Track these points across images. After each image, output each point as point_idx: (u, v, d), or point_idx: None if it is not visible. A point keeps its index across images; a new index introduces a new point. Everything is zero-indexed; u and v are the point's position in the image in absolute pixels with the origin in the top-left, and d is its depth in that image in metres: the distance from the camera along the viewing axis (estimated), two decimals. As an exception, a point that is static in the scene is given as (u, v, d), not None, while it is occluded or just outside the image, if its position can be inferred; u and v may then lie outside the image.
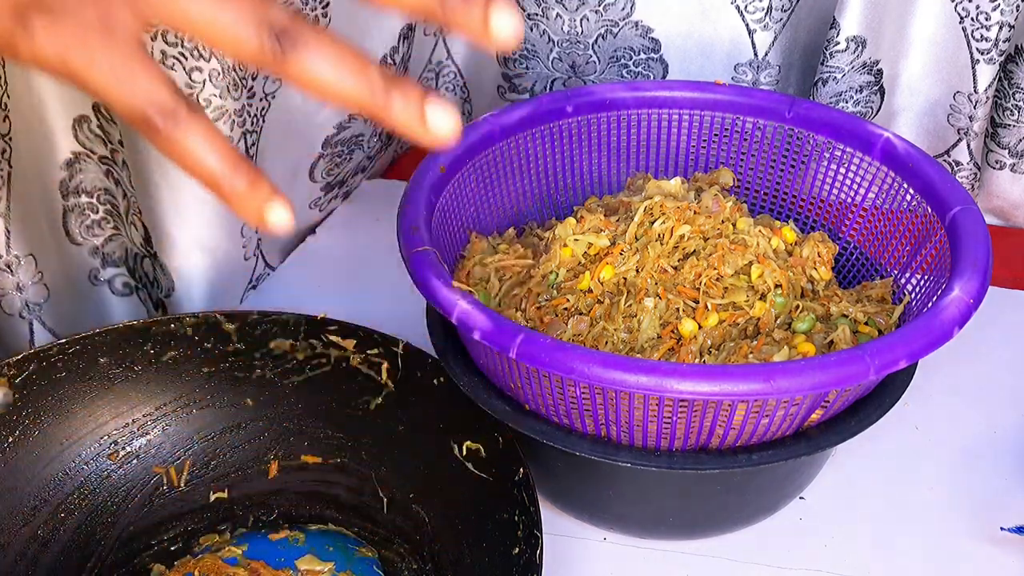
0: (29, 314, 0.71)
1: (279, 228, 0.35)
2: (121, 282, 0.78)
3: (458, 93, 0.92)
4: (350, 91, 0.34)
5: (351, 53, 0.34)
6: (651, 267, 0.58)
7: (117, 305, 0.79)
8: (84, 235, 0.74)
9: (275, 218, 0.34)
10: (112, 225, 0.75)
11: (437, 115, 0.34)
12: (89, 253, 0.76)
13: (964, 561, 0.59)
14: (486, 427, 0.57)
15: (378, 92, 0.34)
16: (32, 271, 0.71)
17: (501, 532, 0.55)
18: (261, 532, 0.60)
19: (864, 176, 0.64)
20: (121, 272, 0.77)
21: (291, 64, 0.34)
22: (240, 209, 0.35)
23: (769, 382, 0.48)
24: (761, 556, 0.60)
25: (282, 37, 0.34)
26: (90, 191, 0.73)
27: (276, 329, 0.63)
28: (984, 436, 0.66)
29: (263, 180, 0.35)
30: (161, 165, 0.67)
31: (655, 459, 0.53)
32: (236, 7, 0.34)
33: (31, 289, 0.71)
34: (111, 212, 0.74)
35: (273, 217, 0.34)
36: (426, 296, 0.54)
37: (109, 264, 0.77)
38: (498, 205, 0.67)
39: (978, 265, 0.55)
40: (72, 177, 0.72)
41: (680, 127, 0.69)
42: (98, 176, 0.72)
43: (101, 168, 0.72)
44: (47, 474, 0.60)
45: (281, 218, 0.34)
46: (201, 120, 0.35)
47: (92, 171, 0.72)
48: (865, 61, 0.76)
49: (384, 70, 0.35)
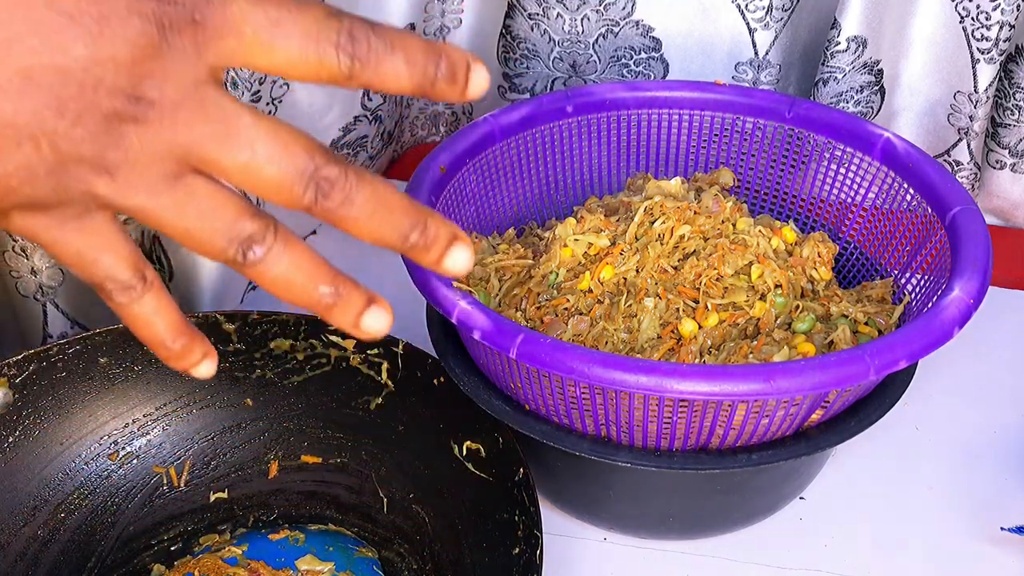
0: (43, 297, 0.72)
1: (204, 378, 0.40)
2: None
3: (458, 93, 0.92)
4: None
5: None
6: (651, 267, 0.58)
7: None
8: None
9: (201, 373, 0.40)
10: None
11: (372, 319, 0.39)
12: None
13: (964, 561, 0.59)
14: (486, 427, 0.57)
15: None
16: (47, 255, 0.71)
17: (501, 532, 0.55)
18: (261, 532, 0.60)
19: (864, 176, 0.64)
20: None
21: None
22: (172, 364, 0.39)
23: (769, 382, 0.48)
24: (761, 556, 0.60)
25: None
26: None
27: (276, 329, 0.63)
28: (984, 436, 0.66)
29: (198, 343, 0.39)
30: None
31: (655, 459, 0.53)
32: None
33: (46, 272, 0.71)
34: None
35: (199, 373, 0.40)
36: (426, 296, 0.54)
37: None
38: (498, 205, 0.67)
39: (978, 265, 0.55)
40: None
41: (680, 127, 0.69)
42: None
43: None
44: (47, 474, 0.60)
45: (206, 372, 0.40)
46: (155, 292, 0.38)
47: None
48: (866, 61, 0.76)
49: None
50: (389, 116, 0.84)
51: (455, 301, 0.52)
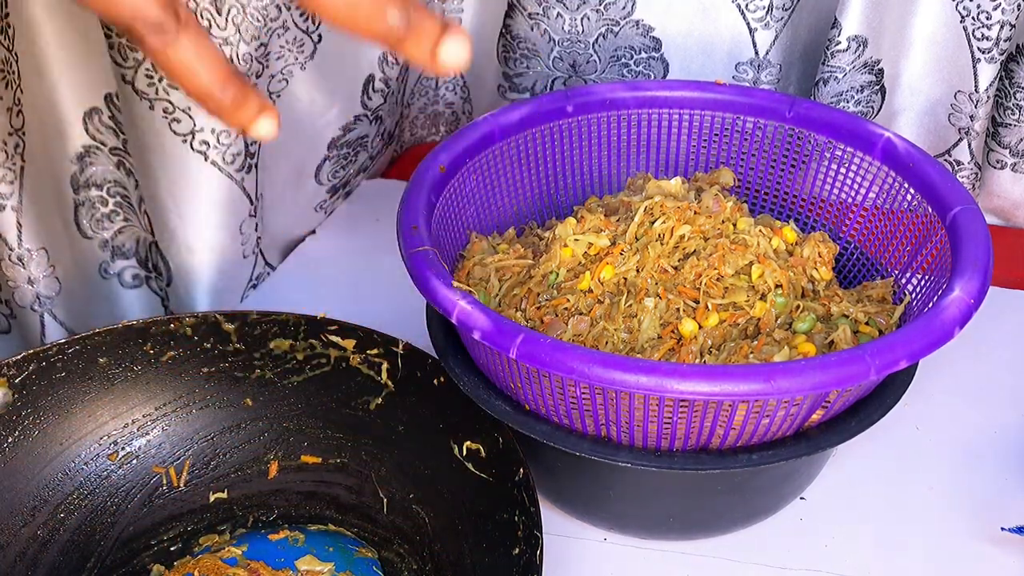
0: (40, 307, 0.72)
1: (266, 138, 0.37)
2: (131, 274, 0.78)
3: (458, 93, 0.92)
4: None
5: None
6: (651, 267, 0.58)
7: (127, 298, 0.79)
8: (94, 229, 0.75)
9: (262, 131, 0.36)
10: (122, 217, 0.75)
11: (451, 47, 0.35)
12: (99, 247, 0.76)
13: (964, 561, 0.59)
14: (486, 427, 0.57)
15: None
16: (44, 264, 0.71)
17: (501, 532, 0.55)
18: (261, 532, 0.60)
19: (865, 176, 0.64)
20: (131, 264, 0.78)
21: None
22: (228, 121, 0.36)
23: (769, 382, 0.48)
24: (761, 556, 0.60)
25: None
26: (100, 184, 0.73)
27: (276, 329, 0.63)
28: (984, 436, 0.66)
29: (252, 95, 0.36)
30: (163, 163, 0.67)
31: (655, 459, 0.53)
32: None
33: (43, 283, 0.71)
34: (121, 204, 0.74)
35: (261, 130, 0.36)
36: (426, 296, 0.54)
37: (119, 256, 0.77)
38: (498, 205, 0.67)
39: (979, 265, 0.54)
40: (83, 171, 0.72)
41: (680, 127, 0.69)
42: (108, 168, 0.73)
43: (112, 160, 0.72)
44: (47, 474, 0.60)
45: (267, 130, 0.36)
46: (192, 33, 0.35)
47: (103, 163, 0.72)
48: (866, 61, 0.76)
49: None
50: (390, 115, 0.84)
51: (455, 301, 0.52)
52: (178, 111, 0.66)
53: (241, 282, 0.77)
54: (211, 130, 0.67)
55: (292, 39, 0.71)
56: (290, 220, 0.81)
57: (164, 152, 0.67)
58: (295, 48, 0.71)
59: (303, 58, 0.72)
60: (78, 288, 0.75)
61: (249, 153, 0.70)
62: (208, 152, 0.68)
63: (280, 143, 0.74)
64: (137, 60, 0.64)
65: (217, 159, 0.68)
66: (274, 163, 0.75)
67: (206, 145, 0.67)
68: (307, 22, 0.71)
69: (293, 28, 0.70)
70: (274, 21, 0.68)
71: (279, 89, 0.72)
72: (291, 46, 0.71)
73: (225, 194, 0.70)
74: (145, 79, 0.65)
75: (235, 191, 0.71)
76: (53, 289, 0.72)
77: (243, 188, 0.71)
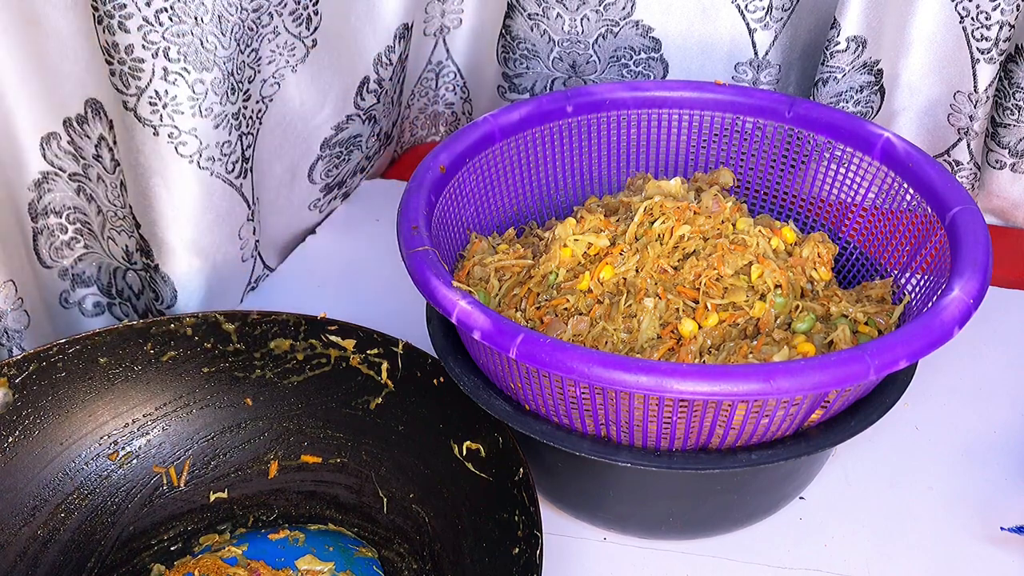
0: (9, 341, 0.70)
1: None
2: (92, 302, 0.77)
3: (458, 93, 0.92)
4: None
5: None
6: (651, 267, 0.58)
7: (90, 326, 0.77)
8: (54, 257, 0.73)
9: None
10: (83, 244, 0.74)
11: None
12: (59, 275, 0.75)
13: (964, 561, 0.59)
14: (486, 427, 0.57)
15: None
16: (12, 297, 0.69)
17: (501, 532, 0.55)
18: (261, 532, 0.60)
19: (864, 176, 0.64)
20: (91, 292, 0.77)
21: None
22: None
23: (769, 382, 0.48)
24: (761, 556, 0.60)
25: None
26: (59, 211, 0.72)
27: (276, 329, 0.63)
28: (984, 436, 0.66)
29: None
30: (160, 169, 0.67)
31: (655, 459, 0.53)
32: None
33: (11, 316, 0.69)
34: (81, 231, 0.73)
35: None
36: (426, 296, 0.54)
37: (79, 284, 0.76)
38: (498, 205, 0.67)
39: (978, 265, 0.54)
40: (40, 198, 0.71)
41: (680, 127, 0.69)
42: (67, 195, 0.71)
43: (71, 186, 0.71)
44: (47, 474, 0.60)
45: None
46: None
47: (61, 190, 0.71)
48: (865, 61, 0.76)
49: None
50: (386, 116, 0.84)
51: (455, 301, 0.52)
52: (183, 134, 0.65)
53: (241, 283, 0.77)
54: (215, 143, 0.67)
55: (283, 43, 0.71)
56: (285, 220, 0.81)
57: (169, 174, 0.67)
58: (286, 52, 0.71)
59: (295, 61, 0.72)
60: (44, 318, 0.74)
61: (245, 158, 0.70)
62: (213, 167, 0.68)
63: (275, 145, 0.74)
64: (139, 88, 0.64)
65: (221, 171, 0.68)
66: (268, 165, 0.75)
67: (212, 161, 0.67)
68: (299, 27, 0.71)
69: (284, 33, 0.70)
70: (265, 27, 0.68)
71: (271, 93, 0.72)
72: (282, 50, 0.71)
73: (227, 202, 0.70)
74: (148, 106, 0.64)
75: (235, 197, 0.71)
76: (22, 323, 0.70)
77: (241, 193, 0.71)
